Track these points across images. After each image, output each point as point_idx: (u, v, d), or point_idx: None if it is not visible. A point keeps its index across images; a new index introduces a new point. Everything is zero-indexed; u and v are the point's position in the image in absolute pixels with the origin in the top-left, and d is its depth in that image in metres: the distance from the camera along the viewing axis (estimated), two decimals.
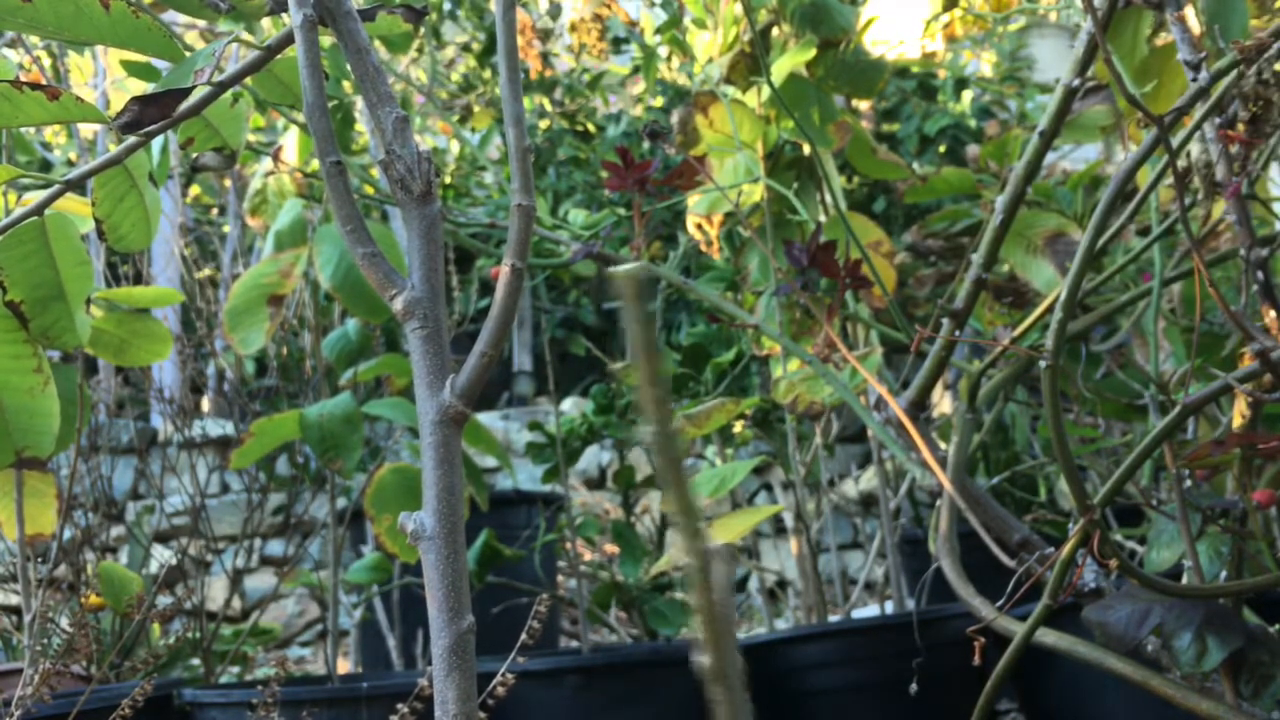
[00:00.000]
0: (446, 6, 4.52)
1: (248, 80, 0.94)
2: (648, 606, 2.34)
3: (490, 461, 4.38)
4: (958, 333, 1.47)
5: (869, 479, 4.04)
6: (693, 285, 1.69)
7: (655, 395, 0.68)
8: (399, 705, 1.21)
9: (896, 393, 1.54)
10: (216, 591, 3.59)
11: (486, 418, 4.64)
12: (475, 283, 5.08)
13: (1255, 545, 1.32)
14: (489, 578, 2.33)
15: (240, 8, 0.94)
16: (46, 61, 2.88)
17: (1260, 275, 1.12)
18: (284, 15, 0.91)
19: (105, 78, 3.56)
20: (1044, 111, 1.40)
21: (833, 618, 2.46)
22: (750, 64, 1.99)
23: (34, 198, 0.97)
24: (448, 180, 5.07)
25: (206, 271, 4.15)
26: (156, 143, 0.98)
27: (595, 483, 4.47)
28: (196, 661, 2.40)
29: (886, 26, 1.97)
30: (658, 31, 2.41)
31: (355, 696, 1.80)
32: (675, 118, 1.97)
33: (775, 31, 2.01)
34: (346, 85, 2.29)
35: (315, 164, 2.03)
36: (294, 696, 1.74)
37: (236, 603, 3.69)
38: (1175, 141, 1.14)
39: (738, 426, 2.44)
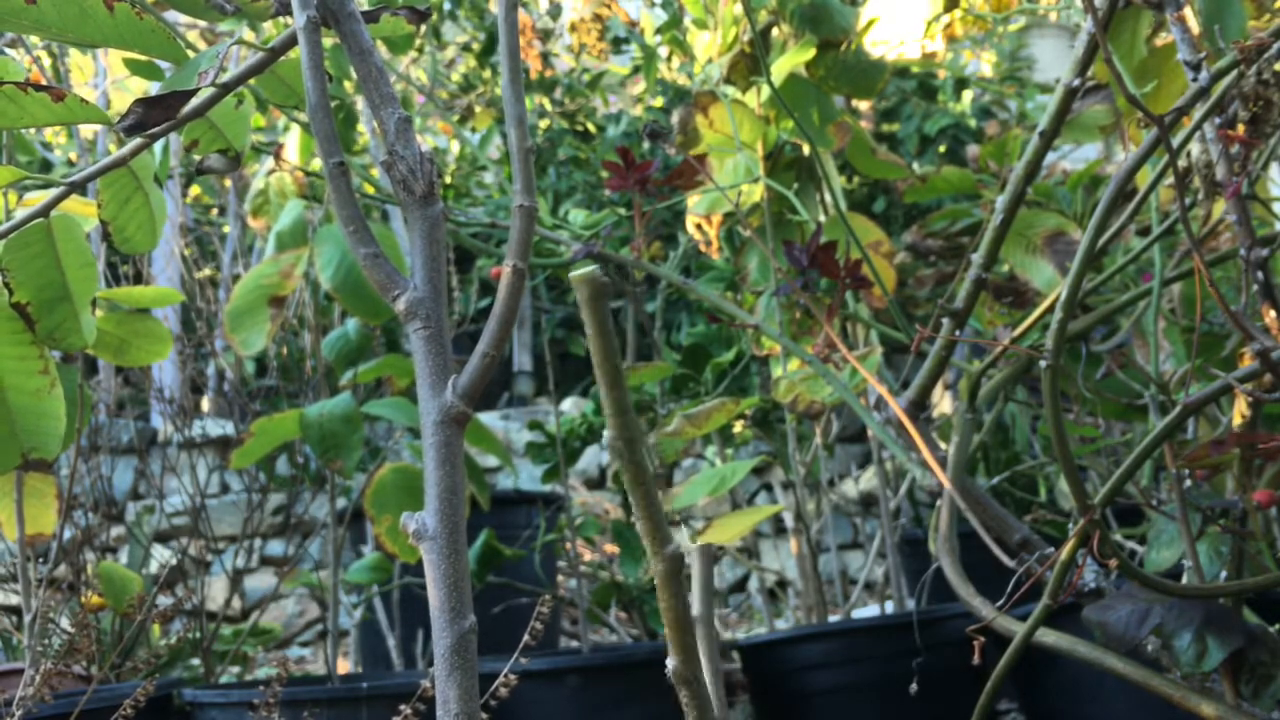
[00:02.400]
0: (447, 6, 4.52)
1: (251, 81, 0.94)
2: (648, 606, 2.35)
3: (491, 461, 4.38)
4: (958, 333, 1.47)
5: (869, 479, 4.05)
6: (693, 285, 1.69)
7: (615, 399, 0.68)
8: (399, 705, 1.22)
9: (896, 393, 1.54)
10: (216, 591, 3.59)
11: (486, 418, 4.64)
12: (475, 283, 5.08)
13: (1255, 545, 1.32)
14: (489, 578, 2.33)
15: (245, 9, 0.94)
16: (46, 61, 2.89)
17: (1260, 275, 1.12)
18: (287, 17, 0.91)
19: (106, 77, 3.56)
20: (1044, 111, 1.40)
21: (833, 618, 2.47)
22: (750, 64, 1.99)
23: (36, 199, 0.97)
24: (448, 180, 5.07)
25: (206, 271, 4.16)
26: (159, 142, 0.98)
27: (595, 483, 4.48)
28: (196, 661, 2.40)
29: (887, 27, 1.97)
30: (658, 31, 2.42)
31: (355, 696, 1.80)
32: (675, 118, 1.97)
33: (775, 32, 2.01)
34: (348, 86, 2.30)
35: (316, 163, 2.04)
36: (294, 696, 1.74)
37: (236, 603, 3.69)
38: (1175, 141, 1.14)
39: (738, 426, 2.44)
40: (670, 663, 0.72)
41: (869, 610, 2.79)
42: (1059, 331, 1.09)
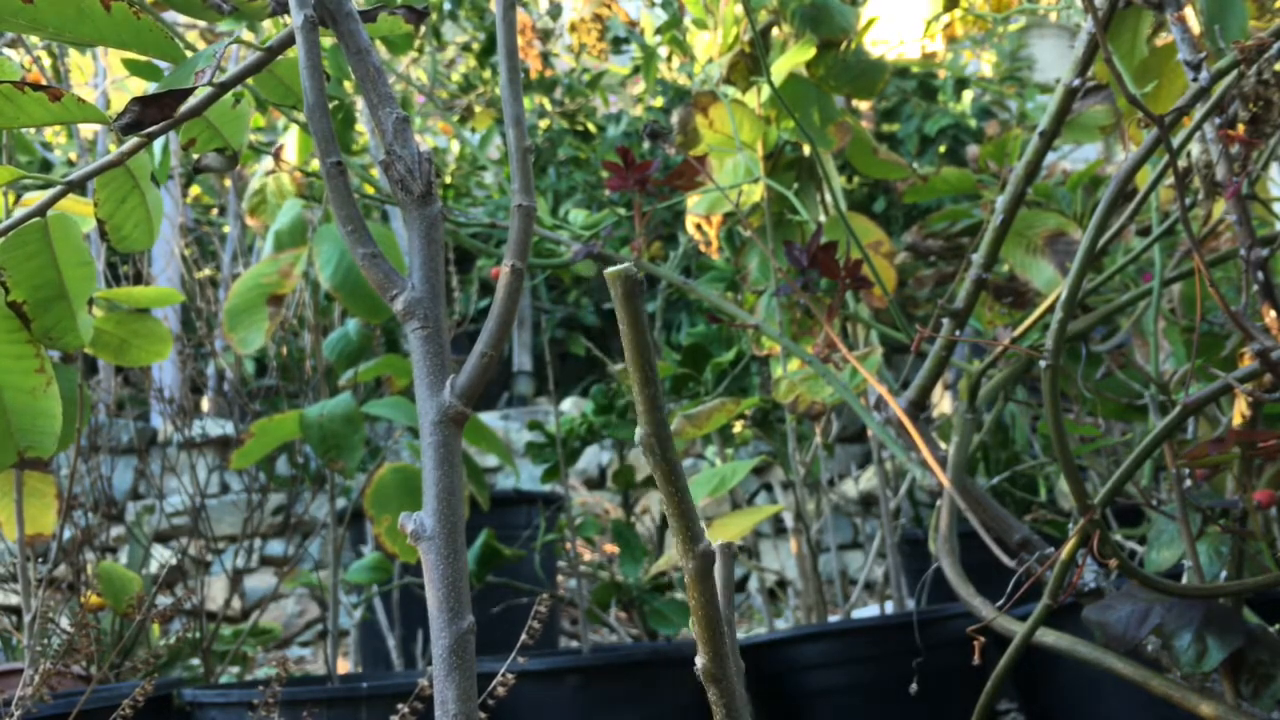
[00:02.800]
0: (447, 6, 4.52)
1: (249, 80, 0.94)
2: (648, 606, 2.35)
3: (491, 461, 4.38)
4: (958, 333, 1.47)
5: (869, 479, 4.04)
6: (693, 285, 1.69)
7: (648, 396, 0.68)
8: (399, 705, 1.21)
9: (896, 393, 1.54)
10: (216, 591, 3.59)
11: (486, 418, 4.64)
12: (475, 283, 5.08)
13: (1255, 545, 1.32)
14: (489, 578, 2.33)
15: (242, 9, 0.94)
16: (46, 61, 2.89)
17: (1260, 275, 1.12)
18: (285, 16, 0.91)
19: (105, 77, 3.56)
20: (1044, 111, 1.40)
21: (833, 618, 2.47)
22: (750, 64, 1.99)
23: (35, 198, 0.97)
24: (448, 180, 5.07)
25: (206, 271, 4.15)
26: (158, 143, 0.98)
27: (595, 483, 4.47)
28: (196, 661, 2.40)
29: (887, 27, 1.97)
30: (658, 31, 2.42)
31: (355, 696, 1.80)
32: (675, 118, 1.97)
33: (775, 32, 2.01)
34: (347, 85, 2.29)
35: (315, 164, 2.03)
36: (294, 696, 1.74)
37: (236, 603, 3.69)
38: (1175, 141, 1.14)
39: (738, 426, 2.44)
40: (699, 661, 0.72)
41: (869, 610, 2.79)
42: (1059, 331, 1.09)
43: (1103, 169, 2.44)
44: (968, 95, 5.48)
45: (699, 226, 2.11)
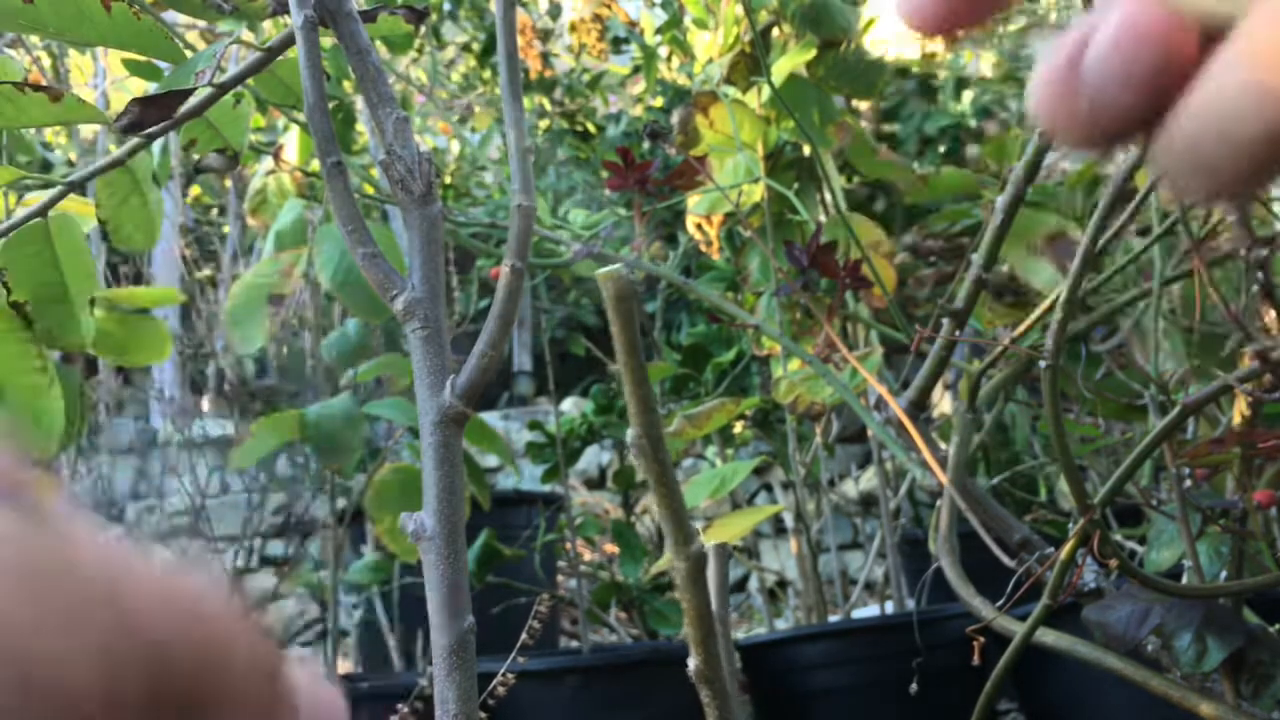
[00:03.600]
0: (446, 7, 4.52)
1: (249, 80, 0.94)
2: (648, 606, 2.35)
3: (492, 461, 4.38)
4: (958, 333, 1.47)
5: (869, 479, 4.04)
6: (693, 285, 1.69)
7: (640, 396, 0.68)
8: (399, 705, 1.22)
9: (896, 393, 1.54)
10: None
11: (486, 418, 4.64)
12: (475, 283, 5.07)
13: (1255, 545, 1.32)
14: (489, 578, 2.33)
15: (242, 8, 0.94)
16: (46, 61, 2.89)
17: (1260, 275, 1.12)
18: (285, 16, 0.91)
19: (105, 77, 3.56)
20: None
21: (833, 618, 2.47)
22: (750, 64, 1.99)
23: (36, 199, 0.97)
24: (448, 180, 5.07)
25: (206, 271, 4.15)
26: (158, 143, 0.98)
27: (595, 483, 4.48)
28: None
29: (887, 27, 1.97)
30: (658, 31, 2.42)
31: (355, 696, 1.80)
32: (675, 118, 1.97)
33: (775, 32, 2.01)
34: (347, 85, 2.29)
35: (316, 164, 2.03)
36: None
37: None
38: None
39: (738, 426, 2.44)
40: (691, 662, 0.72)
41: (869, 610, 2.79)
42: (1059, 331, 1.09)
43: (1103, 169, 2.44)
44: (968, 95, 5.48)
45: (699, 226, 2.11)
